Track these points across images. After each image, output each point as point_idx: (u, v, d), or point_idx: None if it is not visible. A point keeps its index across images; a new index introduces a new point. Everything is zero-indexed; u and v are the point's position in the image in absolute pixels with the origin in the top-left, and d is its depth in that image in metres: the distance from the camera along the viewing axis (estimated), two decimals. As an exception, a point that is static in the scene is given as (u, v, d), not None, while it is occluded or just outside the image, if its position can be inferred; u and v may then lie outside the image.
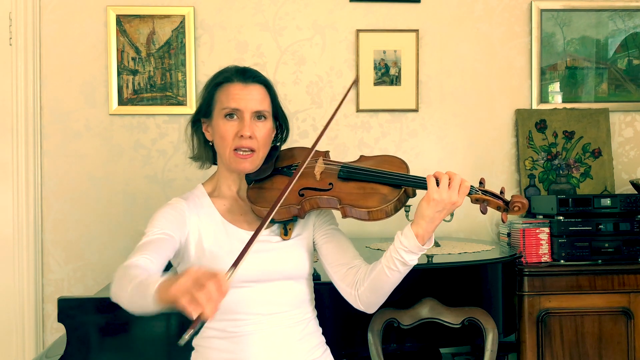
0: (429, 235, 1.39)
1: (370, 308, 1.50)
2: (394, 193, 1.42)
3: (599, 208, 2.44)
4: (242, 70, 1.52)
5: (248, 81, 1.49)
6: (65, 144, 2.70)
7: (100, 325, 1.75)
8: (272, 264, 1.46)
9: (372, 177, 1.46)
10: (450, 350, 2.69)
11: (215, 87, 1.51)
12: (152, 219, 1.44)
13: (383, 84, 2.77)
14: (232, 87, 1.48)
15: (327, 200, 1.46)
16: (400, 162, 1.51)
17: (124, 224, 2.71)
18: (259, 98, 1.49)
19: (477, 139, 2.82)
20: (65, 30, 2.70)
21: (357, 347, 1.85)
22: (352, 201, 1.42)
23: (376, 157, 1.55)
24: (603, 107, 2.82)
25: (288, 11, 2.76)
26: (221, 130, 1.48)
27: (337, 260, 1.52)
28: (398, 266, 1.40)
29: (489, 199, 1.42)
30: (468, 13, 2.81)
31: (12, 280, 2.64)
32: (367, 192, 1.44)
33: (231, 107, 1.47)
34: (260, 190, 1.52)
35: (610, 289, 2.35)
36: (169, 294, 1.03)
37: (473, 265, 2.11)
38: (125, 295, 1.21)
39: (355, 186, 1.46)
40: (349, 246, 1.55)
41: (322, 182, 1.49)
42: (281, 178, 1.53)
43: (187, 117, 2.70)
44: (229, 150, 1.47)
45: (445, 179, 1.36)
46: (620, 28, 2.86)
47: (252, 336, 1.42)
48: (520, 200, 1.39)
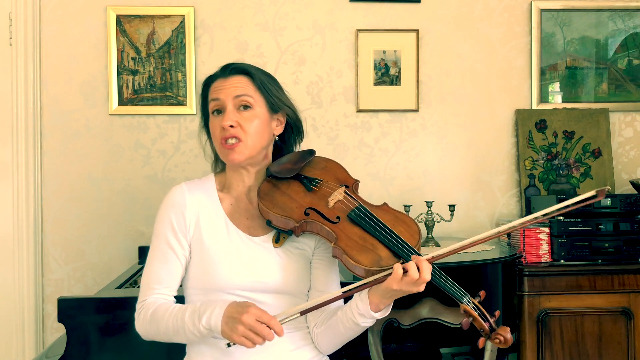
0: (384, 307, 1.36)
1: (324, 351, 1.49)
2: (389, 260, 1.33)
3: (599, 208, 2.45)
4: (225, 66, 1.52)
5: (226, 74, 1.49)
6: (65, 144, 2.70)
7: (100, 325, 1.75)
8: (270, 276, 1.42)
9: (378, 234, 1.37)
10: (450, 350, 2.69)
11: (205, 88, 1.53)
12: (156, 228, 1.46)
13: (383, 84, 2.77)
14: (215, 82, 1.49)
15: (327, 232, 1.39)
16: (415, 231, 1.41)
17: (124, 224, 2.71)
18: (239, 85, 1.46)
19: (477, 139, 2.82)
20: (65, 30, 2.70)
21: (357, 347, 1.85)
22: (347, 247, 1.34)
23: (397, 214, 1.45)
24: (603, 107, 2.82)
25: (288, 11, 2.76)
26: (211, 127, 1.49)
27: (316, 288, 1.49)
28: (351, 324, 1.38)
29: (477, 316, 1.33)
30: (468, 13, 2.81)
31: (12, 280, 2.64)
32: (367, 245, 1.36)
33: (213, 99, 1.47)
34: (274, 188, 1.47)
35: (610, 289, 2.35)
36: (226, 336, 1.28)
37: (473, 265, 2.11)
38: (161, 336, 1.39)
39: (358, 233, 1.38)
40: (333, 281, 1.50)
41: (332, 212, 1.42)
42: (298, 186, 1.48)
43: (187, 117, 2.72)
44: (219, 144, 1.46)
45: (414, 273, 1.28)
46: (620, 28, 2.86)
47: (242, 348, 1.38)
48: (504, 335, 1.31)
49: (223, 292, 1.40)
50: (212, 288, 1.41)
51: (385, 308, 1.37)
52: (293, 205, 1.43)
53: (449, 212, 2.53)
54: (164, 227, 1.45)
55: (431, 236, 2.47)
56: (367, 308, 1.35)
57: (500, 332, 1.31)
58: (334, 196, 1.45)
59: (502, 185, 2.82)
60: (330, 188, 1.48)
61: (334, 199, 1.44)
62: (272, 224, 1.43)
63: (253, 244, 1.45)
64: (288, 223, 1.41)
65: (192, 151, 2.72)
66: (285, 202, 1.44)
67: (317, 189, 1.48)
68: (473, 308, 1.33)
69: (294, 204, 1.43)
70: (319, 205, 1.43)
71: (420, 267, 1.28)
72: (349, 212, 1.41)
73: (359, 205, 1.42)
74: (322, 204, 1.44)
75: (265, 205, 1.43)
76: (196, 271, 1.44)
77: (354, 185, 1.51)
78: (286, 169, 1.49)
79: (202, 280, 1.43)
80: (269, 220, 1.43)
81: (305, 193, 1.47)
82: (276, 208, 1.42)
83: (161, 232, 1.45)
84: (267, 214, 1.43)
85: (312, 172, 1.52)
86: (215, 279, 1.40)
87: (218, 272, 1.40)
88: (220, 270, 1.40)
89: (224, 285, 1.40)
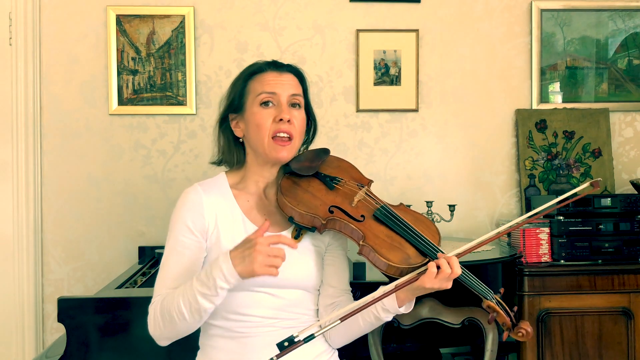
0: (409, 301, 1.40)
1: (335, 344, 1.52)
2: (417, 259, 1.37)
3: (599, 208, 2.44)
4: (274, 62, 1.51)
5: (281, 69, 1.49)
6: (65, 144, 2.70)
7: (100, 325, 1.75)
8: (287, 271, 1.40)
9: (405, 233, 1.40)
10: (450, 350, 2.69)
11: (248, 78, 1.49)
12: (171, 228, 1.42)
13: (383, 84, 2.77)
14: (267, 75, 1.48)
15: (352, 231, 1.40)
16: (435, 231, 1.46)
17: (124, 224, 2.71)
18: (293, 84, 1.48)
19: (477, 139, 2.82)
20: (65, 30, 2.70)
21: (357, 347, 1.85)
22: (376, 245, 1.37)
23: (416, 214, 1.49)
24: (603, 107, 2.82)
25: (288, 11, 2.76)
26: (257, 118, 1.44)
27: (329, 284, 1.51)
28: (372, 318, 1.42)
29: (501, 312, 1.38)
30: (468, 13, 2.81)
31: (12, 280, 2.64)
32: (394, 244, 1.38)
33: (267, 92, 1.45)
34: (295, 185, 1.47)
35: (610, 289, 2.35)
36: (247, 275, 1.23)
37: (473, 265, 2.11)
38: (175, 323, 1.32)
39: (385, 231, 1.40)
40: (344, 276, 1.53)
41: (356, 211, 1.43)
42: (319, 184, 1.48)
43: (187, 117, 2.72)
44: (267, 137, 1.44)
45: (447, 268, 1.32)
46: (620, 28, 2.86)
47: (258, 337, 1.41)
48: (527, 328, 1.37)
49: (240, 289, 1.38)
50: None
51: (409, 303, 1.40)
52: (317, 203, 1.43)
53: (449, 212, 2.53)
54: (181, 228, 1.41)
55: (431, 236, 2.47)
56: (393, 303, 1.38)
57: (523, 325, 1.37)
58: (358, 195, 1.46)
59: (502, 185, 2.82)
60: (351, 187, 1.49)
61: (357, 198, 1.46)
62: (295, 221, 1.43)
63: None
64: (314, 220, 1.41)
65: (192, 151, 2.72)
66: (309, 199, 1.44)
67: (339, 187, 1.48)
68: (496, 304, 1.37)
69: (318, 201, 1.44)
70: (342, 204, 1.44)
71: (451, 264, 1.33)
72: (373, 211, 1.43)
73: (383, 205, 1.44)
74: (346, 202, 1.45)
75: (289, 202, 1.42)
76: None
77: (369, 185, 1.53)
78: (305, 167, 1.49)
79: None
80: (291, 216, 1.43)
81: (327, 191, 1.47)
82: (301, 205, 1.42)
83: (178, 233, 1.41)
84: (292, 210, 1.42)
85: (328, 170, 1.53)
86: None
87: None
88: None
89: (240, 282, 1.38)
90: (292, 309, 1.44)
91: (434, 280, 1.32)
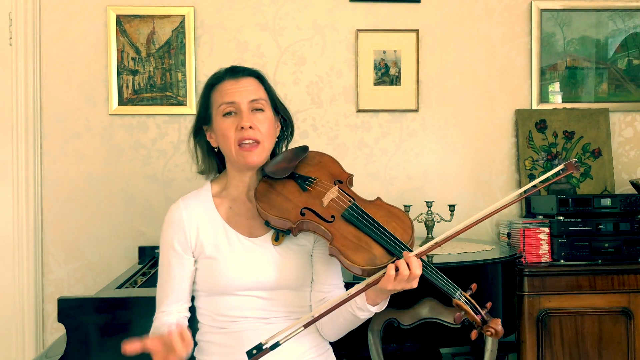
0: (381, 301, 1.40)
1: (328, 337, 1.54)
2: (384, 259, 1.35)
3: (599, 208, 2.44)
4: (231, 68, 1.53)
5: (238, 75, 1.51)
6: (65, 144, 2.70)
7: (100, 325, 1.75)
8: (269, 274, 1.47)
9: (372, 232, 1.39)
10: (450, 350, 2.69)
11: (209, 90, 1.53)
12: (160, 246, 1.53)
13: (383, 84, 2.77)
14: (225, 84, 1.50)
15: (323, 232, 1.42)
16: (409, 226, 1.42)
17: (124, 224, 2.71)
18: (251, 88, 1.49)
19: (477, 139, 2.82)
20: (65, 30, 2.70)
21: (357, 347, 1.85)
22: (342, 247, 1.37)
23: (391, 208, 1.46)
24: (603, 107, 2.82)
25: (288, 11, 2.76)
26: (222, 129, 1.48)
27: (318, 280, 1.52)
28: (350, 317, 1.43)
29: (469, 310, 1.35)
30: (468, 13, 2.81)
31: (12, 280, 2.64)
32: (361, 244, 1.37)
33: (226, 102, 1.47)
34: (270, 189, 1.49)
35: (610, 289, 2.35)
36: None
37: (473, 265, 2.11)
38: None
39: (352, 232, 1.40)
40: (333, 273, 1.53)
41: (327, 211, 1.44)
42: (293, 186, 1.49)
43: (187, 117, 2.71)
44: (234, 146, 1.47)
45: (404, 270, 1.30)
46: (620, 28, 2.86)
47: (250, 332, 1.45)
48: (495, 327, 1.34)
49: (226, 294, 1.47)
50: (216, 291, 1.48)
51: (382, 302, 1.41)
52: (289, 206, 1.45)
53: (449, 212, 2.53)
54: (167, 250, 1.51)
55: (431, 236, 2.47)
56: (364, 302, 1.39)
57: (492, 324, 1.34)
58: (328, 195, 1.46)
59: (502, 185, 2.82)
60: (324, 186, 1.49)
61: (327, 198, 1.46)
62: (271, 225, 1.46)
63: (252, 245, 1.49)
64: (285, 224, 1.44)
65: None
66: (282, 203, 1.46)
67: (312, 189, 1.49)
68: (465, 302, 1.36)
69: (290, 204, 1.45)
70: (314, 205, 1.45)
71: (410, 264, 1.31)
72: (342, 211, 1.43)
73: (352, 204, 1.44)
74: (317, 203, 1.46)
75: (263, 207, 1.46)
76: (202, 278, 1.50)
77: (348, 180, 1.53)
78: (281, 169, 1.51)
79: (207, 285, 1.49)
80: (267, 221, 1.46)
81: (300, 193, 1.48)
82: (273, 210, 1.44)
83: (165, 251, 1.52)
84: (266, 215, 1.46)
85: (306, 168, 1.54)
86: (219, 283, 1.46)
87: (220, 278, 1.46)
88: (222, 276, 1.46)
89: (226, 288, 1.46)
90: (283, 307, 1.48)
91: (394, 282, 1.31)
